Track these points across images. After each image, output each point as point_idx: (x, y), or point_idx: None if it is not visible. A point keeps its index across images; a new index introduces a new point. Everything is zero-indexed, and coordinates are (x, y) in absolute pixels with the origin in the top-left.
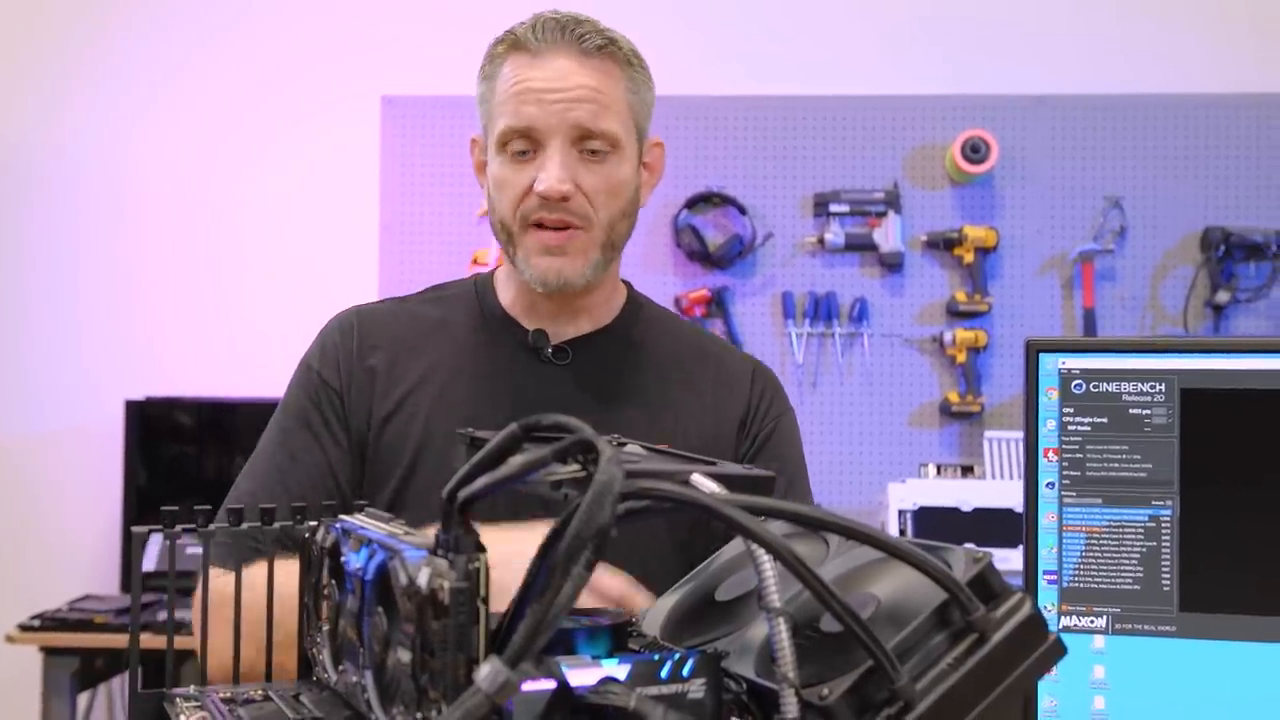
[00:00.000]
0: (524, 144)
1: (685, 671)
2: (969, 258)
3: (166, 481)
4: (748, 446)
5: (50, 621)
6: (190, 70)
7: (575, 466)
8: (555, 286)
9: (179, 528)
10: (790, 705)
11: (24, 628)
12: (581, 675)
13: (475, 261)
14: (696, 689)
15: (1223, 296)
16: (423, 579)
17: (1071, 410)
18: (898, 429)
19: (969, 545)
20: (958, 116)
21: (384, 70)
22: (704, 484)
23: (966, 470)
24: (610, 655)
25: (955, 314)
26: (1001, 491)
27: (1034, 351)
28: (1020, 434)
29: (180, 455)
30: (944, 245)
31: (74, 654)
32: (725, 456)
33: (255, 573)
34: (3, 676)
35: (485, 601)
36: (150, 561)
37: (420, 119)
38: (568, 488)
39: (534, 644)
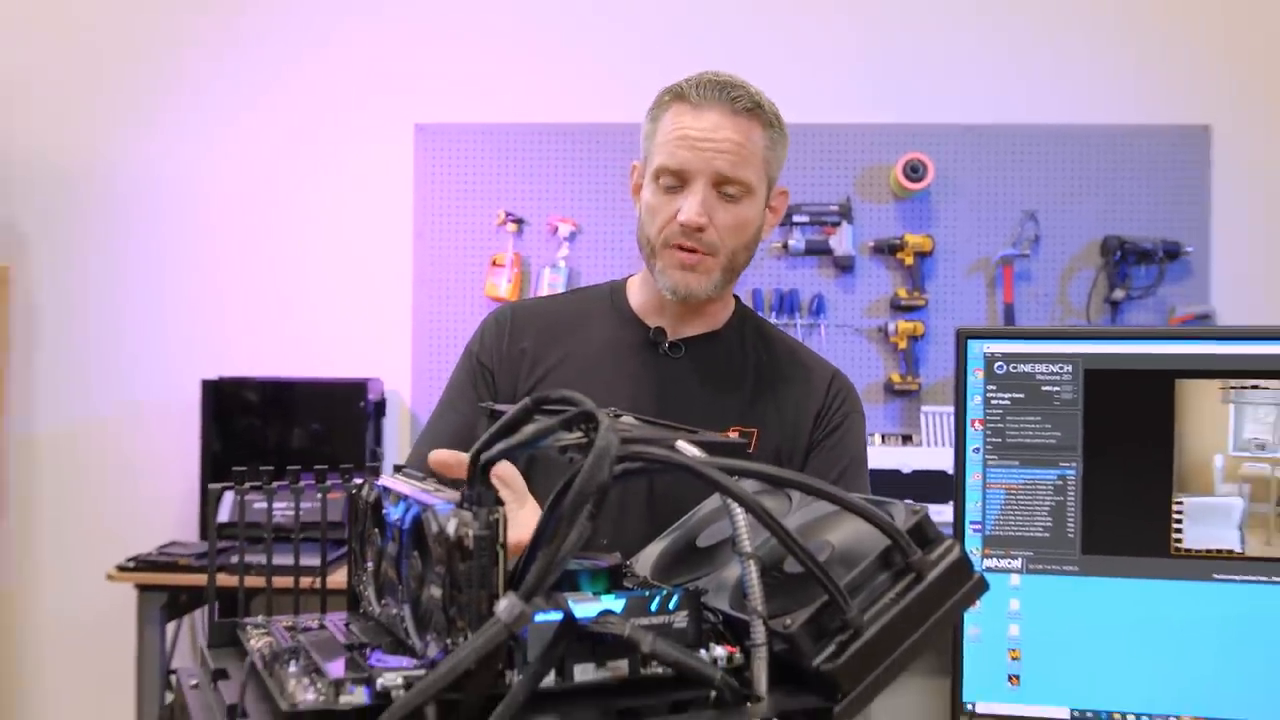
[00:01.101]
0: (673, 180)
1: (671, 605)
2: (909, 260)
3: (236, 448)
4: (819, 435)
5: (142, 563)
6: (257, 102)
7: (579, 434)
8: (683, 296)
9: (247, 485)
10: (759, 633)
11: (121, 568)
12: (584, 608)
13: (494, 263)
14: (680, 620)
15: (1119, 294)
16: (451, 528)
17: (994, 387)
18: None
19: (908, 500)
20: (900, 142)
21: (417, 101)
22: (686, 448)
23: (906, 439)
24: (608, 592)
25: (897, 308)
26: (936, 456)
27: (963, 338)
28: (951, 409)
29: (247, 426)
30: (888, 250)
31: (162, 590)
32: (801, 443)
33: None
34: (105, 609)
35: (503, 547)
36: (222, 514)
37: (448, 143)
38: (572, 452)
39: (545, 582)
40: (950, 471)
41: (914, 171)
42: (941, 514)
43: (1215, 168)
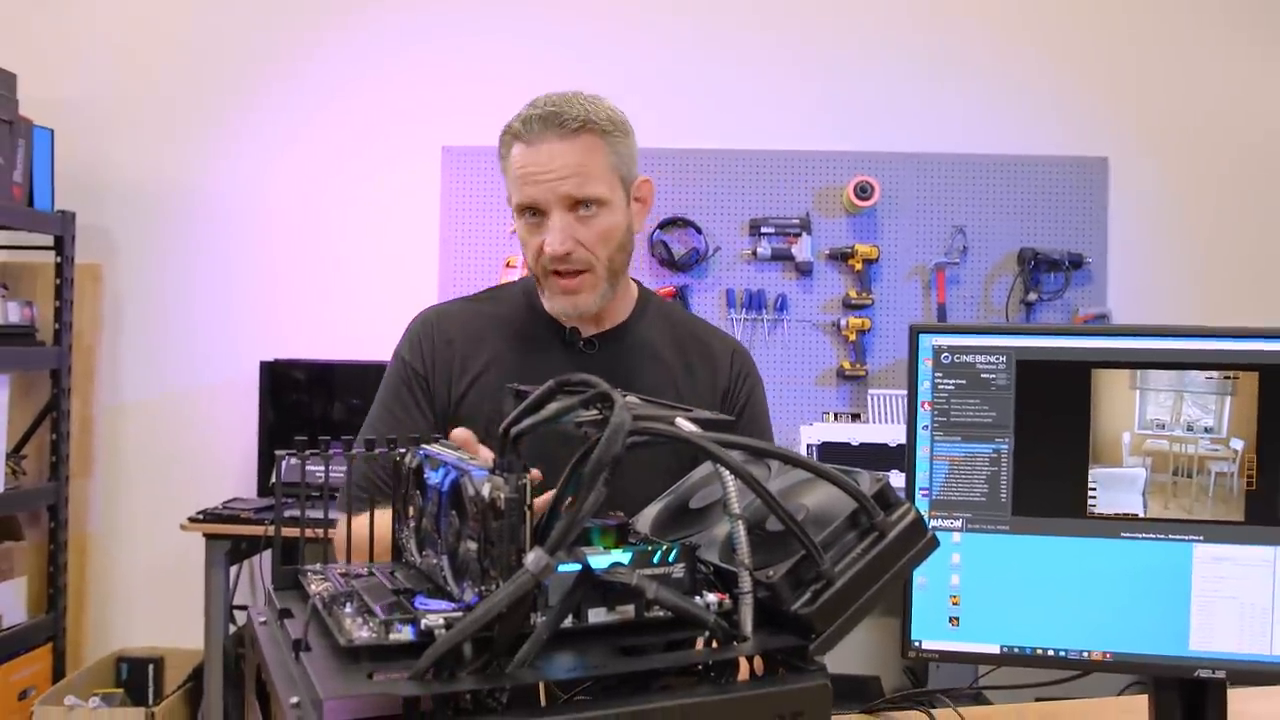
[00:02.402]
0: (532, 213)
1: (671, 558)
2: (859, 266)
3: (288, 419)
4: (732, 412)
5: (210, 516)
6: (309, 127)
7: (594, 412)
8: (574, 317)
9: (306, 452)
10: (746, 582)
11: (192, 520)
12: (597, 560)
13: (508, 265)
14: (678, 571)
15: (1032, 297)
16: (485, 491)
17: (941, 375)
18: (808, 387)
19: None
20: (851, 166)
21: (444, 126)
22: (685, 425)
23: (855, 417)
24: (617, 546)
25: (849, 306)
26: (880, 432)
27: (915, 333)
28: (893, 391)
29: (297, 400)
30: (841, 257)
31: (226, 539)
32: (708, 406)
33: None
34: (179, 553)
35: (530, 508)
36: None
37: (470, 162)
38: (588, 427)
39: (567, 539)
40: (892, 444)
41: (863, 191)
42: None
43: (1112, 192)
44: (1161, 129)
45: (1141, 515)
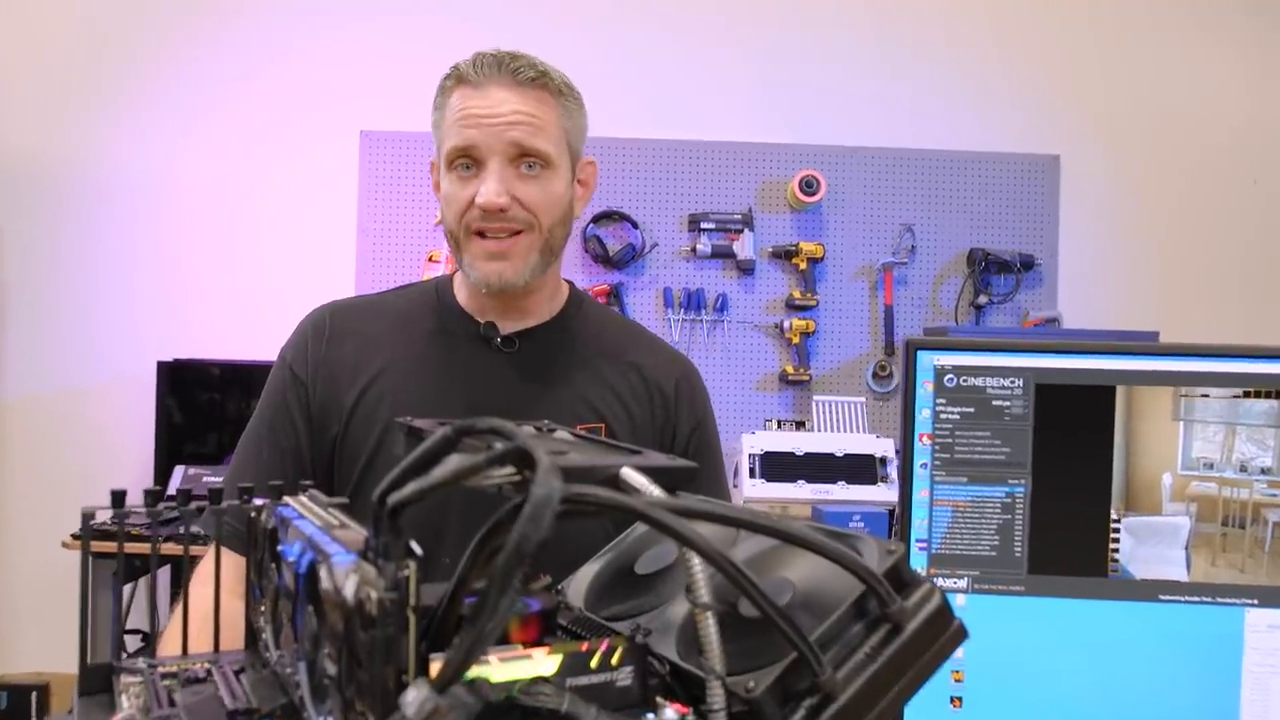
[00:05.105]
0: (467, 162)
1: (614, 660)
2: (803, 265)
3: (188, 424)
4: (676, 448)
5: (97, 532)
6: (217, 108)
7: (510, 469)
8: (498, 287)
9: (127, 508)
10: (717, 696)
11: (75, 536)
12: (512, 669)
13: (430, 259)
14: (625, 677)
15: (982, 299)
16: (349, 589)
17: (944, 401)
18: (748, 393)
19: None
20: (796, 160)
21: (362, 110)
22: (634, 477)
23: (799, 424)
24: (538, 642)
25: (792, 307)
26: (825, 441)
27: (912, 349)
28: (839, 398)
29: (198, 403)
30: (785, 255)
31: (115, 556)
32: (646, 445)
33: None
34: (66, 569)
35: (415, 610)
36: (171, 486)
37: (390, 148)
38: (506, 487)
39: (466, 667)
40: (839, 454)
41: (808, 186)
42: (830, 493)
43: (1063, 191)
44: (1115, 127)
45: (1185, 575)
